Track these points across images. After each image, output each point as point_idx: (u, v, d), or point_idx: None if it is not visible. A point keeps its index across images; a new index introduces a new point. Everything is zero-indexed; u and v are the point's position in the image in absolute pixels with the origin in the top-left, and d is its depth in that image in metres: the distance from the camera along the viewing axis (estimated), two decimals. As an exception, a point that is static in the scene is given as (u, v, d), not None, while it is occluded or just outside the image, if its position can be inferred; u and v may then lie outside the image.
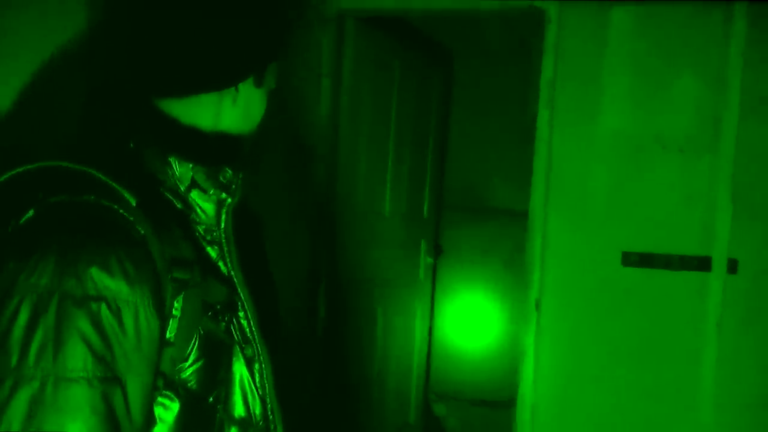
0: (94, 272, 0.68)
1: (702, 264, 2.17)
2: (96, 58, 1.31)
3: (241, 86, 0.91)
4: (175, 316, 0.78)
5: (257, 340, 0.95)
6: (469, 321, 4.25)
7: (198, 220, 0.87)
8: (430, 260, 3.38)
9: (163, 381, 0.79)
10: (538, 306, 2.36)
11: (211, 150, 0.89)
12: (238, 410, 0.93)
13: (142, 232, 0.75)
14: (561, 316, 2.33)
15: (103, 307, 0.67)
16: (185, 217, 0.86)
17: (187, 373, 0.82)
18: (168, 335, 0.77)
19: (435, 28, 3.67)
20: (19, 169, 0.74)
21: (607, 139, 2.28)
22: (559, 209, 2.34)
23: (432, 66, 3.45)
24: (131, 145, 0.85)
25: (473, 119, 4.16)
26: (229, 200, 0.88)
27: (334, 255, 2.75)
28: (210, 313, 0.84)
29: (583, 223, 2.30)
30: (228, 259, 0.91)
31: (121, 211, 0.74)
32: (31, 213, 0.71)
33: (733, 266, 2.14)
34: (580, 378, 2.31)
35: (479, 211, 4.20)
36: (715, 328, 2.17)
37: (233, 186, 0.88)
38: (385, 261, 3.07)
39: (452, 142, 4.25)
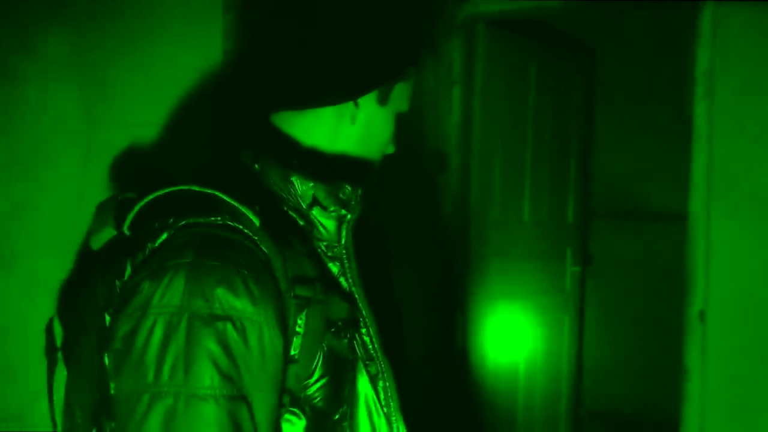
0: (221, 293, 0.70)
1: None
2: (228, 81, 1.39)
3: (362, 103, 0.90)
4: (299, 333, 0.78)
5: (380, 357, 0.94)
6: (624, 334, 3.93)
7: (319, 236, 0.88)
8: (576, 269, 3.18)
9: (289, 398, 0.79)
10: (702, 318, 2.11)
11: (332, 169, 0.90)
12: (364, 428, 0.92)
13: (266, 251, 0.76)
14: (730, 330, 2.06)
15: (229, 326, 0.69)
16: (307, 234, 0.87)
17: (313, 390, 0.82)
18: (292, 352, 0.78)
19: (574, 24, 3.48)
20: (152, 196, 0.79)
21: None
22: (723, 209, 2.08)
23: (572, 64, 3.27)
24: (256, 166, 0.88)
25: (621, 118, 3.89)
26: (349, 216, 0.88)
27: (469, 267, 2.68)
28: (333, 330, 0.84)
29: (754, 223, 2.02)
30: (349, 275, 0.91)
31: (246, 231, 0.76)
32: (164, 236, 0.75)
33: None
34: (755, 401, 2.02)
35: (632, 216, 3.89)
36: None
37: (353, 202, 0.88)
38: (526, 271, 2.94)
39: (599, 143, 3.99)
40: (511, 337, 2.91)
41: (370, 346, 0.92)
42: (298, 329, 0.78)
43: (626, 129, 3.81)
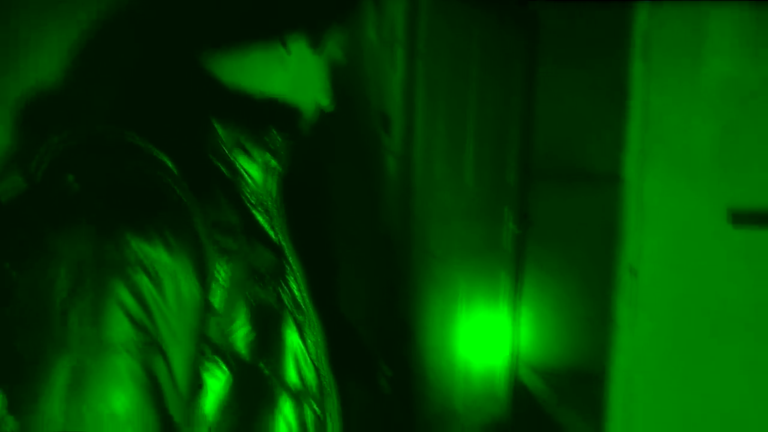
0: (132, 240, 0.65)
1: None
2: (147, 17, 1.30)
3: (293, 48, 0.86)
4: (222, 285, 0.76)
5: (310, 310, 0.92)
6: (562, 292, 4.07)
7: (245, 185, 0.85)
8: (514, 228, 3.24)
9: (211, 349, 0.77)
10: (633, 273, 2.19)
11: (258, 113, 0.86)
12: (292, 379, 0.91)
13: (184, 198, 0.72)
14: (660, 285, 2.15)
15: (142, 274, 0.65)
16: (232, 182, 0.83)
17: (237, 341, 0.80)
18: (213, 302, 0.75)
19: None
20: (57, 139, 0.72)
21: (712, 88, 2.05)
22: (657, 168, 2.15)
23: (514, 27, 3.27)
24: (177, 107, 0.83)
25: (561, 81, 3.94)
26: (275, 164, 0.85)
27: (410, 228, 2.69)
28: (257, 279, 0.81)
29: (685, 181, 2.10)
30: (277, 227, 0.88)
31: (160, 175, 0.71)
32: (70, 178, 0.70)
33: None
34: (681, 351, 2.13)
35: (573, 178, 3.98)
36: None
37: (281, 152, 0.85)
38: (468, 232, 2.98)
39: (540, 106, 4.04)
40: (450, 295, 2.95)
41: (299, 297, 0.90)
42: (218, 278, 0.75)
43: (567, 91, 3.86)
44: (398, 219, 2.58)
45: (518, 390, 3.67)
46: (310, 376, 0.93)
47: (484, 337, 3.17)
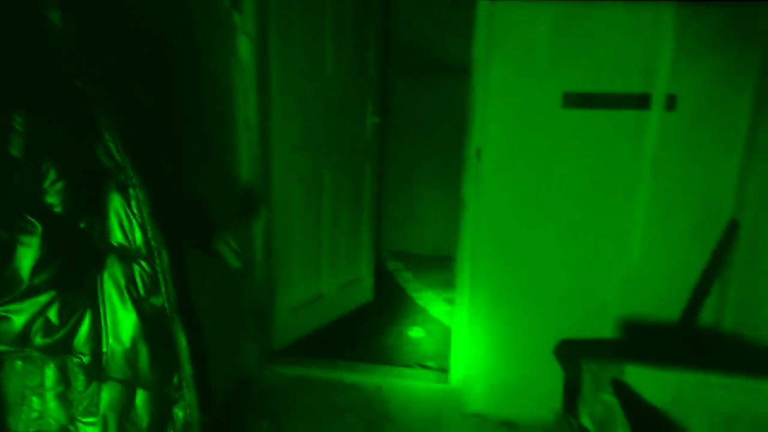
0: None
1: (641, 101, 2.15)
2: None
3: None
4: (19, 131, 0.72)
5: (128, 165, 0.90)
6: (422, 180, 4.27)
7: (49, 31, 0.79)
8: (376, 119, 3.29)
9: (18, 201, 0.74)
10: (478, 155, 2.34)
11: None
12: (116, 237, 0.91)
13: None
14: (502, 165, 2.32)
15: None
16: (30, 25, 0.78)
17: (49, 196, 0.77)
18: (13, 152, 0.72)
19: None
20: None
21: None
22: (501, 56, 2.25)
23: None
24: None
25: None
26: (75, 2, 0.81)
27: (269, 116, 2.64)
28: (63, 131, 0.78)
29: (525, 67, 2.23)
30: (83, 73, 0.83)
31: None
32: None
33: (671, 102, 2.13)
34: (520, 225, 2.35)
35: (431, 70, 4.07)
36: (651, 166, 2.20)
37: None
38: (330, 122, 2.99)
39: (399, 3, 4.02)
40: (317, 187, 2.99)
41: (116, 153, 0.88)
42: (16, 126, 0.71)
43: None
44: (254, 105, 2.51)
45: (380, 273, 3.90)
46: (136, 234, 0.92)
47: (351, 224, 3.29)
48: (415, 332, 3.29)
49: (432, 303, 3.68)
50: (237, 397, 2.62)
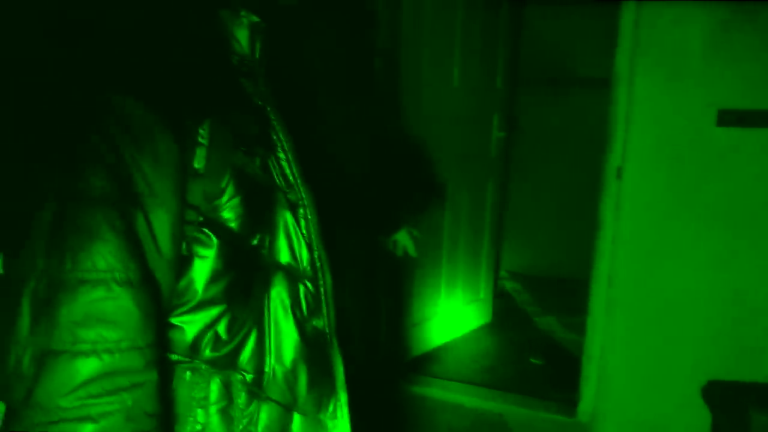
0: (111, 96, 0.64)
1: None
2: None
3: None
4: (202, 144, 0.73)
5: (300, 185, 0.90)
6: (547, 199, 4.10)
7: (232, 50, 0.81)
8: (502, 134, 3.19)
9: (197, 214, 0.75)
10: (619, 174, 2.18)
11: None
12: (284, 256, 0.90)
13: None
14: (645, 185, 2.15)
15: (117, 126, 0.66)
16: (218, 44, 0.80)
17: (225, 211, 0.79)
18: (196, 165, 0.73)
19: None
20: None
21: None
22: (647, 68, 2.09)
23: None
24: None
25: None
26: (263, 24, 0.82)
27: (402, 128, 2.64)
28: (243, 148, 0.79)
29: (674, 81, 2.05)
30: (263, 91, 0.85)
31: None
32: None
33: None
34: (663, 251, 2.16)
35: (560, 82, 3.91)
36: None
37: (265, 9, 0.81)
38: (454, 135, 2.93)
39: (529, 8, 3.90)
40: (439, 197, 2.95)
41: (289, 172, 0.88)
42: (200, 140, 0.72)
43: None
44: (385, 118, 2.52)
45: (499, 294, 3.77)
46: (303, 254, 0.92)
47: (471, 242, 3.21)
48: (537, 359, 3.13)
49: (554, 328, 3.49)
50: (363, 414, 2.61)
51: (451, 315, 3.20)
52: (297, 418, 0.95)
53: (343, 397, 1.01)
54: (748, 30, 1.96)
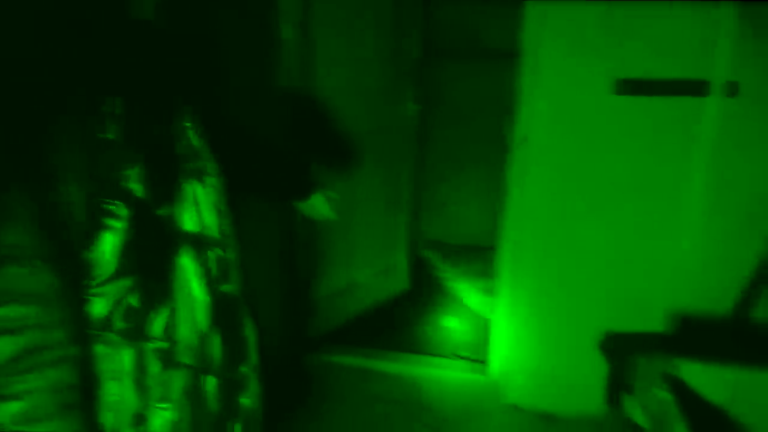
0: None
1: (699, 88, 2.06)
2: None
3: None
4: (112, 115, 0.73)
5: (207, 154, 0.91)
6: (462, 168, 4.21)
7: (137, 20, 0.82)
8: (416, 105, 3.25)
9: (107, 185, 0.75)
10: (524, 143, 2.29)
11: None
12: (192, 224, 0.91)
13: None
14: (548, 153, 2.26)
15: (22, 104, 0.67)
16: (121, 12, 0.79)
17: (133, 182, 0.78)
18: (107, 136, 0.73)
19: None
20: None
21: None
22: (550, 41, 2.18)
23: None
24: None
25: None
26: None
27: (316, 102, 2.63)
28: (150, 117, 0.80)
29: (575, 53, 2.16)
30: (167, 62, 0.85)
31: None
32: None
33: (732, 89, 2.04)
34: (564, 215, 2.30)
35: (475, 55, 3.99)
36: (707, 155, 2.12)
37: None
38: (369, 106, 2.95)
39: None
40: (351, 168, 2.97)
41: (195, 141, 0.89)
42: (109, 111, 0.74)
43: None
44: (296, 88, 2.50)
45: (417, 262, 3.87)
46: (211, 222, 0.93)
47: (388, 212, 3.26)
48: (451, 322, 3.26)
49: (468, 293, 3.63)
50: (274, 384, 2.62)
51: (368, 284, 3.26)
52: (211, 381, 0.97)
53: (254, 359, 1.03)
54: (639, 3, 2.08)
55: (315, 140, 2.70)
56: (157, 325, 0.87)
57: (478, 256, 4.02)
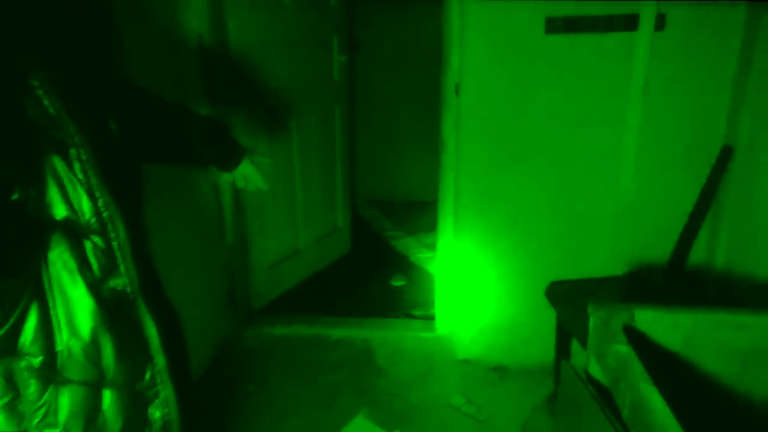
0: None
1: (629, 22, 1.99)
2: None
3: None
4: None
5: (66, 119, 0.74)
6: (397, 121, 4.08)
7: None
8: (343, 57, 3.07)
9: None
10: (457, 91, 2.17)
11: None
12: (59, 210, 0.74)
13: None
14: (482, 99, 2.16)
15: None
16: None
17: None
18: None
19: None
20: None
21: None
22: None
23: None
24: None
25: None
26: None
27: (229, 52, 2.41)
28: None
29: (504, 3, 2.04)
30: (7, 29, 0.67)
31: None
32: None
33: (660, 22, 1.98)
34: (504, 159, 2.22)
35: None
36: (640, 90, 2.06)
37: None
38: (292, 60, 2.75)
39: None
40: (281, 128, 2.79)
41: (49, 105, 0.71)
42: None
43: None
44: (211, 45, 2.28)
45: (357, 223, 3.76)
46: (84, 204, 0.76)
47: (324, 172, 3.11)
48: (398, 281, 3.19)
49: (413, 250, 3.57)
50: (220, 363, 2.50)
51: (310, 249, 3.13)
52: (108, 395, 0.82)
53: (160, 362, 0.89)
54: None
55: (236, 100, 2.49)
56: (26, 337, 0.71)
57: (423, 211, 3.95)
